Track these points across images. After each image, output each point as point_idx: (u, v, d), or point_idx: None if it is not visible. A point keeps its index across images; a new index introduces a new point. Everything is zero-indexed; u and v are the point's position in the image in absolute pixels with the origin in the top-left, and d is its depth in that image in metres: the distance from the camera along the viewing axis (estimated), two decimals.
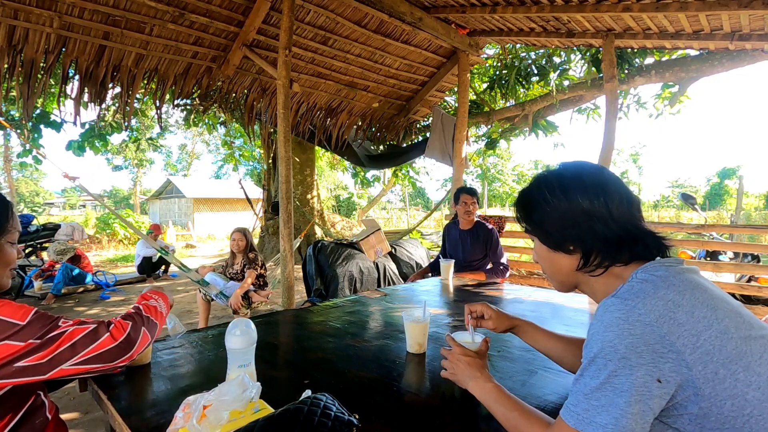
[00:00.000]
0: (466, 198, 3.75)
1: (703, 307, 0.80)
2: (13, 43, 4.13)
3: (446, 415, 1.21)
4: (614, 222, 0.95)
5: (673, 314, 0.79)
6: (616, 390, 0.77)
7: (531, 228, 1.08)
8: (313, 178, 11.89)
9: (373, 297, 2.80)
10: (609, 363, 0.79)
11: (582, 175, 1.01)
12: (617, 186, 0.98)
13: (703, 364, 0.76)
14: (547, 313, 2.37)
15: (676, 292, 0.82)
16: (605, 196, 0.95)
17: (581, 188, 0.98)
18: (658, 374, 0.76)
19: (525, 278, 6.57)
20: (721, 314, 0.80)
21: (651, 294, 0.82)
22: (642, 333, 0.78)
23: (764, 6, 3.54)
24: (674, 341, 0.77)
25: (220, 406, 1.05)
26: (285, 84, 4.30)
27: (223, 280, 4.64)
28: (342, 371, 1.53)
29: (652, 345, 0.77)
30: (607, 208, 0.95)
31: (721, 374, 0.76)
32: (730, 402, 0.76)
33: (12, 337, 1.03)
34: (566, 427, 0.82)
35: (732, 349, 0.77)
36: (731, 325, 0.79)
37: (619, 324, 0.80)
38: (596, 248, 0.97)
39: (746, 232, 6.25)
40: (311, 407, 1.03)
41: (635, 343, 0.77)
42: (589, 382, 0.81)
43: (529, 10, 4.88)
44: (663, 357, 0.77)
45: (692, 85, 6.98)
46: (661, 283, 0.84)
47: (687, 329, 0.78)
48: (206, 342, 1.80)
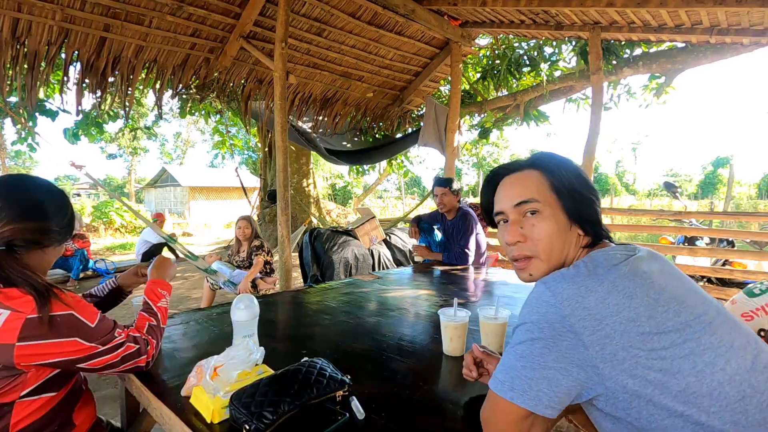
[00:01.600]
0: (436, 190, 3.83)
1: (619, 295, 0.85)
2: (17, 35, 4.24)
3: (429, 376, 1.38)
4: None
5: (581, 299, 0.85)
6: (517, 355, 0.88)
7: (568, 192, 1.04)
8: (309, 166, 12.01)
9: (367, 280, 2.97)
10: (519, 333, 0.90)
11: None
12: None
13: (601, 345, 0.82)
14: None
15: (595, 279, 0.88)
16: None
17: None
18: (555, 348, 0.84)
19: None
20: (636, 303, 0.84)
21: (569, 279, 0.89)
22: (546, 312, 0.86)
23: (737, 3, 3.69)
24: (574, 323, 0.83)
25: (230, 366, 1.19)
26: (281, 76, 4.43)
27: (230, 269, 4.69)
28: (336, 343, 1.70)
29: (553, 323, 0.85)
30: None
31: (620, 356, 0.81)
32: (632, 381, 0.82)
33: (83, 336, 1.13)
34: (489, 392, 0.92)
35: (636, 335, 0.82)
36: (645, 313, 0.83)
37: (532, 303, 0.90)
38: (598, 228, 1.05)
39: (724, 218, 6.45)
40: (309, 368, 1.17)
41: (539, 320, 0.87)
42: (505, 348, 0.94)
43: (519, 3, 5.00)
44: (561, 335, 0.84)
45: (680, 76, 7.12)
46: (584, 269, 0.91)
47: (591, 313, 0.83)
48: (212, 319, 1.95)
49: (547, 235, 1.02)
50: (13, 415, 1.11)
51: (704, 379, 0.81)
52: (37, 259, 1.23)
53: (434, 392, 1.27)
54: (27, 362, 1.08)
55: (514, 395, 0.85)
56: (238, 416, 1.03)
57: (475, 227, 3.71)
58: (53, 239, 1.25)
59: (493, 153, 42.55)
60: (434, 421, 1.11)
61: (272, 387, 1.09)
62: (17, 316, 1.07)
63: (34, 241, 1.20)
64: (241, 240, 4.81)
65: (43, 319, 1.08)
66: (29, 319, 1.07)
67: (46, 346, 1.08)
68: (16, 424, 1.11)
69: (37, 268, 1.22)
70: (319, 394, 1.10)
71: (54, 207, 1.25)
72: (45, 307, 1.09)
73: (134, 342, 1.26)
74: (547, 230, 1.02)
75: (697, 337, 0.84)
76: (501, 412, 0.88)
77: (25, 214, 1.18)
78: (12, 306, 1.08)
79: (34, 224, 1.19)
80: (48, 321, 1.08)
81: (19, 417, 1.12)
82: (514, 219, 1.06)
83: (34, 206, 1.21)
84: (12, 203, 1.17)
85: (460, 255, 3.61)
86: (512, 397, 0.85)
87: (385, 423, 1.09)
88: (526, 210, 1.04)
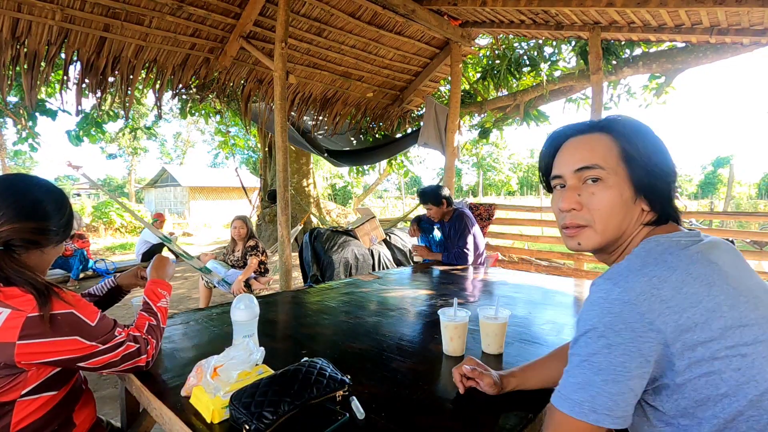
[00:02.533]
0: (423, 206, 3.89)
1: (695, 283, 0.77)
2: (17, 35, 4.24)
3: (429, 376, 1.38)
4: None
5: (657, 290, 0.76)
6: (594, 368, 0.76)
7: (640, 161, 0.91)
8: (309, 166, 12.01)
9: (367, 280, 2.97)
10: (590, 342, 0.78)
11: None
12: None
13: (682, 341, 0.75)
14: (537, 296, 2.53)
15: (666, 267, 0.79)
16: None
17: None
18: (637, 353, 0.75)
19: (515, 264, 6.76)
20: (716, 291, 0.77)
21: (636, 270, 0.80)
22: (620, 311, 0.76)
23: (737, 3, 3.70)
24: (654, 319, 0.75)
25: (230, 366, 1.19)
26: (281, 76, 4.43)
27: (225, 268, 4.74)
28: (336, 343, 1.70)
29: (631, 324, 0.75)
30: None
31: (699, 352, 0.74)
32: (705, 380, 0.75)
33: (84, 335, 1.14)
34: (552, 407, 0.83)
35: (718, 327, 0.75)
36: (726, 303, 0.76)
37: (600, 303, 0.79)
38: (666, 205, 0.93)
39: (724, 218, 6.45)
40: (309, 368, 1.17)
41: (614, 322, 0.76)
42: (572, 360, 0.82)
43: (519, 3, 4.99)
44: (642, 336, 0.75)
45: (680, 76, 7.13)
46: (651, 259, 0.82)
47: (670, 306, 0.75)
48: (212, 319, 1.96)
49: (608, 206, 0.91)
50: (14, 414, 1.11)
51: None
52: (36, 258, 1.23)
53: (434, 392, 1.27)
54: (28, 360, 1.08)
55: (599, 417, 0.75)
56: (238, 416, 1.03)
57: (472, 227, 3.71)
58: (51, 239, 1.25)
59: (492, 153, 42.57)
60: (434, 421, 1.11)
61: (272, 387, 1.09)
62: (18, 314, 1.07)
63: (33, 241, 1.20)
64: (236, 240, 4.84)
65: (44, 318, 1.08)
66: (30, 317, 1.07)
67: (46, 345, 1.09)
68: (17, 423, 1.12)
69: (37, 267, 1.23)
70: (319, 394, 1.10)
71: (52, 207, 1.25)
72: (46, 305, 1.09)
73: (134, 341, 1.27)
74: (607, 201, 0.91)
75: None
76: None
77: (23, 214, 1.18)
78: (12, 305, 1.08)
79: (32, 224, 1.19)
80: (48, 319, 1.09)
81: (20, 416, 1.12)
82: (572, 185, 0.95)
83: (33, 206, 1.21)
84: (10, 203, 1.17)
85: (460, 255, 3.62)
86: (596, 419, 0.75)
87: (385, 423, 1.09)
88: (587, 177, 0.92)
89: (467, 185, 51.03)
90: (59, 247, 1.30)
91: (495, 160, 44.68)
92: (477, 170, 45.18)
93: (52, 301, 1.11)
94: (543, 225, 6.16)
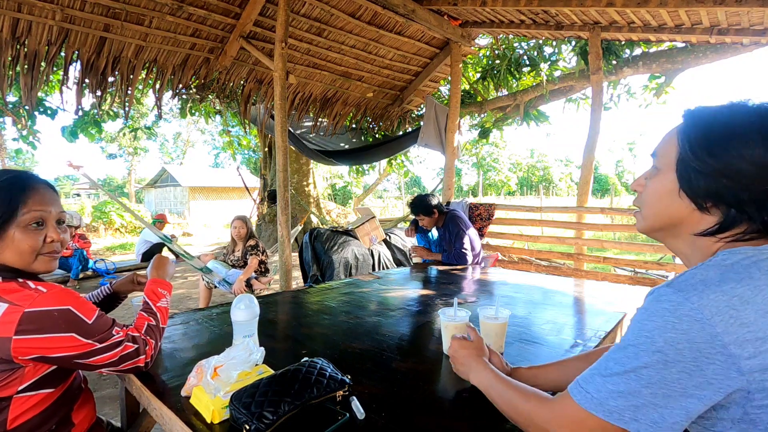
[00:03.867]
0: (415, 216, 3.95)
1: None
2: (17, 35, 4.24)
3: (429, 376, 1.38)
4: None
5: (736, 312, 0.67)
6: (642, 381, 0.71)
7: (688, 157, 0.82)
8: (309, 166, 12.02)
9: (367, 280, 2.97)
10: (641, 354, 0.72)
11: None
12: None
13: (763, 371, 0.67)
14: (537, 296, 2.53)
15: (751, 286, 0.69)
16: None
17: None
18: (698, 373, 0.68)
19: (515, 264, 6.76)
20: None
21: (714, 286, 0.71)
22: (688, 329, 0.69)
23: (737, 3, 3.70)
24: (728, 343, 0.67)
25: (230, 366, 1.19)
26: (281, 76, 4.44)
27: (225, 268, 4.73)
28: (337, 343, 1.70)
29: (698, 344, 0.68)
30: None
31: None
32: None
33: (80, 332, 1.13)
34: (572, 403, 0.79)
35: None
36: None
37: (664, 316, 0.72)
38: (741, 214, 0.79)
39: None
40: (309, 368, 1.17)
41: (677, 339, 0.69)
42: (611, 366, 0.76)
43: (519, 3, 5.00)
44: (709, 358, 0.67)
45: (680, 76, 7.12)
46: (733, 274, 0.72)
47: (751, 330, 0.67)
48: (212, 319, 1.95)
49: (652, 195, 0.88)
50: (11, 410, 1.11)
51: None
52: (5, 249, 1.19)
53: (434, 392, 1.27)
54: (24, 356, 1.08)
55: (640, 426, 0.71)
56: (238, 416, 1.03)
57: (467, 229, 3.73)
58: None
59: (492, 153, 42.61)
60: (434, 421, 1.11)
61: (272, 387, 1.08)
62: (15, 309, 1.07)
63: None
64: (236, 239, 4.84)
65: (41, 313, 1.08)
66: (27, 312, 1.07)
67: (43, 341, 1.08)
68: (14, 419, 1.11)
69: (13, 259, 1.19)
70: (320, 394, 1.10)
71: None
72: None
73: (133, 342, 1.26)
74: (652, 190, 0.88)
75: None
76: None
77: None
78: (10, 299, 1.08)
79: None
80: (46, 315, 1.09)
81: (17, 412, 1.12)
82: (647, 170, 0.93)
83: None
84: None
85: (459, 255, 3.63)
86: (637, 428, 0.71)
87: (385, 423, 1.09)
88: (653, 164, 0.91)
89: (467, 185, 51.06)
90: (22, 231, 1.19)
91: (495, 160, 44.74)
92: (477, 170, 45.24)
93: (50, 297, 1.11)
94: (543, 225, 6.14)
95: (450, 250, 3.72)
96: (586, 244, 5.46)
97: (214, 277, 4.61)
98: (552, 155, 62.54)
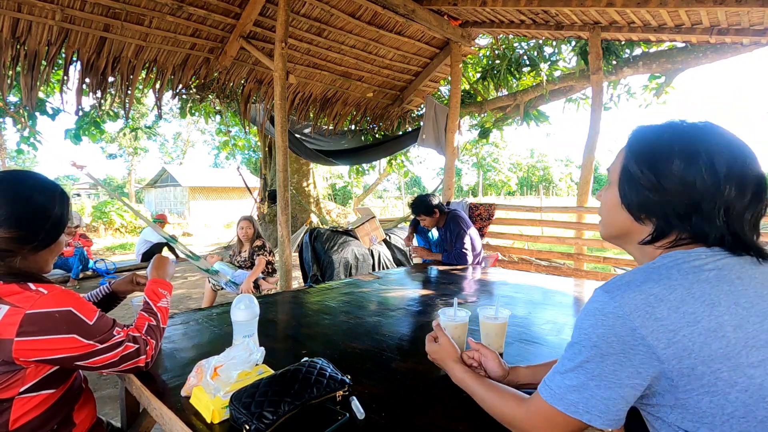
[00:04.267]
0: (416, 216, 3.96)
1: (695, 302, 0.76)
2: (17, 35, 4.24)
3: (429, 376, 1.38)
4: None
5: (651, 309, 0.77)
6: (589, 374, 0.81)
7: (626, 173, 0.93)
8: (309, 166, 12.01)
9: (367, 280, 2.97)
10: (584, 349, 0.82)
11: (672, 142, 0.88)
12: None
13: (678, 359, 0.75)
14: (537, 296, 2.53)
15: (666, 286, 0.79)
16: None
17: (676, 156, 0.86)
18: (629, 365, 0.78)
19: (515, 264, 6.77)
20: (720, 311, 0.76)
21: (635, 286, 0.81)
22: (613, 324, 0.79)
23: (737, 3, 3.70)
24: (645, 335, 0.76)
25: (230, 366, 1.19)
26: (281, 76, 4.43)
27: (232, 269, 4.69)
28: (337, 343, 1.70)
29: (623, 337, 0.78)
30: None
31: (698, 371, 0.75)
32: (708, 399, 0.75)
33: (82, 333, 1.13)
34: (541, 401, 0.87)
35: (719, 347, 0.74)
36: (730, 323, 0.75)
37: (595, 314, 0.82)
38: (670, 226, 0.88)
39: None
40: (309, 368, 1.18)
41: (607, 334, 0.79)
42: (566, 363, 0.86)
43: (519, 3, 5.00)
44: (633, 349, 0.77)
45: (680, 76, 7.12)
46: (655, 275, 0.82)
47: (664, 324, 0.76)
48: (212, 319, 1.96)
49: (603, 207, 1.01)
50: (13, 411, 1.11)
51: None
52: (49, 254, 1.24)
53: (434, 392, 1.27)
54: (26, 357, 1.08)
55: (592, 417, 0.80)
56: (238, 416, 1.03)
57: (468, 229, 3.73)
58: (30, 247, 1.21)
59: (492, 153, 42.60)
60: (434, 421, 1.11)
61: (272, 387, 1.09)
62: (16, 311, 1.07)
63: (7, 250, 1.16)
64: (242, 240, 4.80)
65: (42, 315, 1.08)
66: (28, 314, 1.07)
67: (44, 342, 1.08)
68: (15, 420, 1.12)
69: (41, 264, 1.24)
70: (319, 394, 1.10)
71: (30, 213, 1.20)
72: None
73: (133, 342, 1.26)
74: (604, 202, 1.01)
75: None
76: (564, 431, 0.86)
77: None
78: (11, 302, 1.09)
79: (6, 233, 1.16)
80: (47, 317, 1.09)
81: (19, 413, 1.12)
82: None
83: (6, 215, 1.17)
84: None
85: (459, 255, 3.63)
86: (589, 419, 0.81)
87: (385, 423, 1.09)
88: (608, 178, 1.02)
89: (467, 185, 51.06)
90: (51, 248, 1.27)
91: (495, 160, 44.73)
92: (477, 170, 45.24)
93: (50, 298, 1.11)
94: (543, 225, 6.15)
95: (451, 250, 3.72)
96: (586, 244, 5.46)
97: (220, 278, 4.57)
98: (552, 155, 62.61)
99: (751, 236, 0.84)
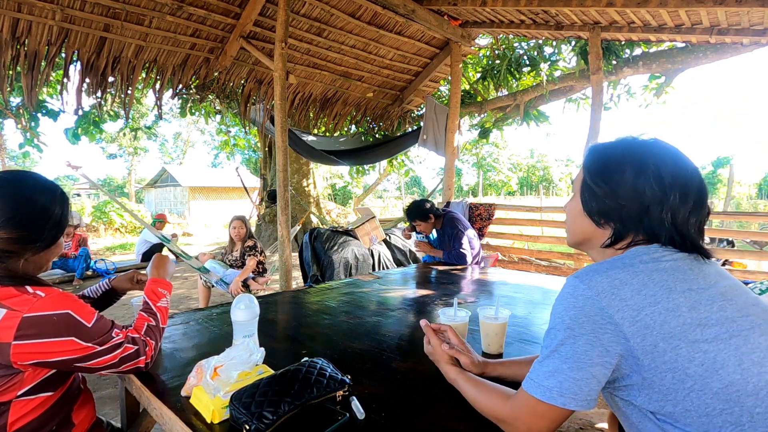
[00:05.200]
0: (412, 222, 3.97)
1: (655, 287, 0.85)
2: (17, 35, 4.24)
3: (429, 376, 1.38)
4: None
5: (616, 290, 0.85)
6: (562, 357, 0.86)
7: (588, 180, 1.04)
8: (309, 166, 12.01)
9: (367, 280, 2.97)
10: (558, 333, 0.88)
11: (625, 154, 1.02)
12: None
13: (642, 336, 0.82)
14: (537, 296, 2.53)
15: (630, 272, 0.88)
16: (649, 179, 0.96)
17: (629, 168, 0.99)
18: (598, 343, 0.84)
19: (515, 264, 6.77)
20: (676, 294, 0.84)
21: (602, 272, 0.89)
22: (583, 305, 0.86)
23: (737, 3, 3.70)
24: (613, 314, 0.83)
25: (230, 366, 1.19)
26: (281, 76, 4.44)
27: (223, 268, 4.74)
28: (337, 343, 1.70)
29: (592, 317, 0.84)
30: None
31: (660, 347, 0.81)
32: (671, 375, 0.81)
33: (80, 336, 1.13)
34: (524, 393, 0.91)
35: (677, 325, 0.81)
36: (685, 305, 0.83)
37: (567, 298, 0.89)
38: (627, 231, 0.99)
39: (724, 218, 6.45)
40: (309, 368, 1.18)
41: (577, 315, 0.86)
42: (543, 351, 0.91)
43: (519, 3, 5.00)
44: (602, 328, 0.84)
45: (680, 76, 7.12)
46: (619, 263, 0.91)
47: (629, 304, 0.83)
48: (212, 319, 1.96)
49: (568, 215, 1.12)
50: (10, 415, 1.11)
51: (750, 378, 0.79)
52: (48, 254, 1.24)
53: (434, 392, 1.27)
54: (24, 361, 1.08)
55: (566, 400, 0.85)
56: (238, 416, 1.03)
57: (465, 230, 3.73)
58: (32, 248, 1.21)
59: (492, 153, 42.56)
60: (434, 421, 1.11)
61: (272, 387, 1.09)
62: (14, 314, 1.06)
63: (9, 251, 1.16)
64: (234, 240, 4.85)
65: (40, 318, 1.08)
66: (26, 317, 1.06)
67: (42, 345, 1.08)
68: (13, 423, 1.11)
69: (38, 266, 1.23)
70: (319, 394, 1.10)
71: (33, 214, 1.20)
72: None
73: (132, 343, 1.26)
74: (568, 210, 1.12)
75: (744, 335, 0.82)
76: (547, 419, 0.89)
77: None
78: (8, 305, 1.08)
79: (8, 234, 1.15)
80: (45, 320, 1.08)
81: (16, 416, 1.12)
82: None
83: (9, 216, 1.16)
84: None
85: (459, 255, 3.64)
86: (563, 402, 0.85)
87: (385, 423, 1.09)
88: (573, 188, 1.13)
89: (467, 185, 51.03)
90: (51, 249, 1.27)
91: (495, 160, 44.67)
92: (477, 170, 45.19)
93: (48, 300, 1.11)
94: (543, 225, 6.16)
95: (449, 251, 3.72)
96: None
97: (211, 276, 4.62)
98: (552, 155, 62.61)
99: (696, 238, 0.95)
